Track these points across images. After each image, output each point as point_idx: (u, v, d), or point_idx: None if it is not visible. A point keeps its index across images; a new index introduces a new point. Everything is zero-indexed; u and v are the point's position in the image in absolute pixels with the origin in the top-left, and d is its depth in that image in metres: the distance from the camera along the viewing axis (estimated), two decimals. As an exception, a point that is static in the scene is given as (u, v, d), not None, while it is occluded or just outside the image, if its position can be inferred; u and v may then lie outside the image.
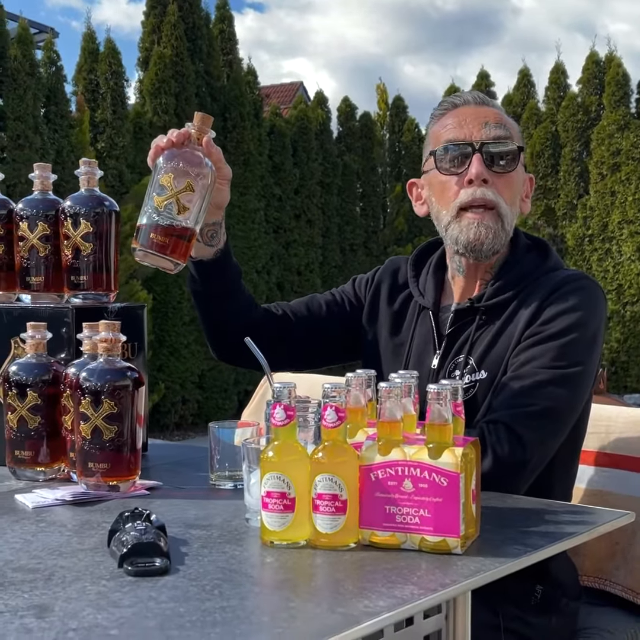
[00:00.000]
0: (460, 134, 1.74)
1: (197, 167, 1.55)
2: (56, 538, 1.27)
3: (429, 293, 1.84)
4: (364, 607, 0.99)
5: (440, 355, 1.75)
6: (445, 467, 1.18)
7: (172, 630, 0.92)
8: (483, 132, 1.73)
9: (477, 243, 1.71)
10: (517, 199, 1.78)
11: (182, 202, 1.52)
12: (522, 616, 1.68)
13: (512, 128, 1.78)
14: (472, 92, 1.81)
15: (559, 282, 1.71)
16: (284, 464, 1.22)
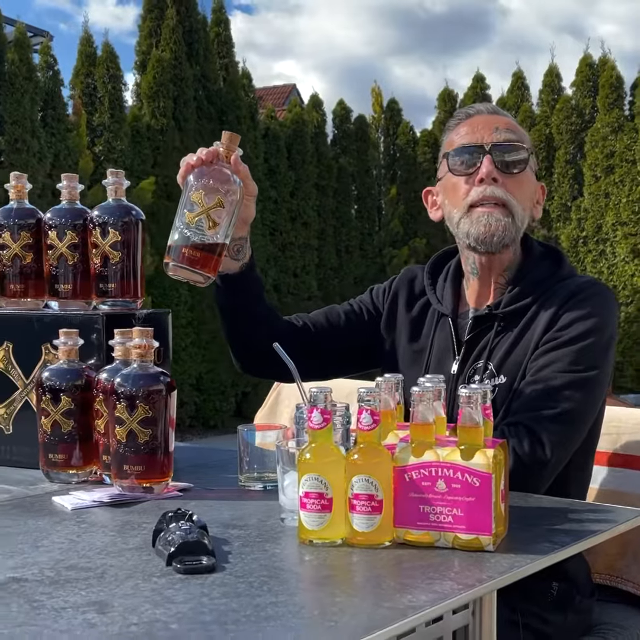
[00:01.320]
0: (472, 138, 1.82)
1: (226, 184, 1.60)
2: (100, 538, 1.32)
3: (447, 300, 1.89)
4: (408, 602, 1.04)
5: (460, 361, 1.81)
6: (477, 468, 1.23)
7: (229, 625, 0.97)
8: (494, 136, 1.80)
9: (488, 235, 1.77)
10: (528, 202, 1.84)
11: (213, 217, 1.57)
12: (539, 613, 1.73)
13: (523, 135, 1.85)
14: (485, 103, 1.91)
15: (574, 290, 1.77)
16: (321, 466, 1.27)
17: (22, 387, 1.82)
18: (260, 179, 9.90)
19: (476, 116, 1.86)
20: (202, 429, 9.28)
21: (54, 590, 1.09)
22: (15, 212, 1.87)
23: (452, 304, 1.88)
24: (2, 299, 1.90)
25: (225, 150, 1.64)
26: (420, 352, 1.89)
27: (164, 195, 8.82)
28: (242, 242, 1.80)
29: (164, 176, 8.89)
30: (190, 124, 9.27)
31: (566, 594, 1.77)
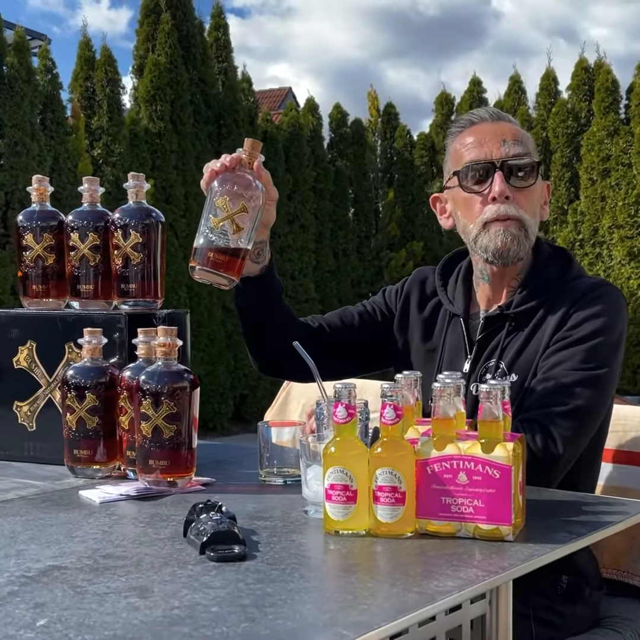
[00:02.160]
0: (480, 153, 1.84)
1: (249, 190, 1.66)
2: (132, 529, 1.37)
3: (458, 301, 1.94)
4: (436, 587, 1.09)
5: (472, 360, 1.86)
6: (498, 461, 1.28)
7: (267, 608, 1.02)
8: (502, 150, 1.82)
9: (504, 249, 1.82)
10: (538, 209, 1.89)
11: (237, 222, 1.63)
12: (549, 605, 1.78)
13: (529, 142, 1.88)
14: (487, 108, 1.91)
15: (584, 290, 1.81)
16: (346, 459, 1.31)
17: (46, 385, 1.86)
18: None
19: (480, 125, 1.87)
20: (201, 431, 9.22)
21: (94, 577, 1.13)
22: (38, 214, 1.92)
23: (464, 305, 1.93)
24: (25, 299, 1.94)
25: (248, 157, 1.70)
26: (432, 352, 1.94)
27: (162, 198, 8.86)
28: (262, 246, 1.85)
29: (162, 179, 8.93)
30: (188, 128, 9.31)
31: (575, 586, 1.82)
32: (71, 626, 0.97)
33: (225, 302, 9.40)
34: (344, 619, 0.99)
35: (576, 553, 1.77)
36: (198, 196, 9.22)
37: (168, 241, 8.94)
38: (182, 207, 9.12)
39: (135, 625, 0.97)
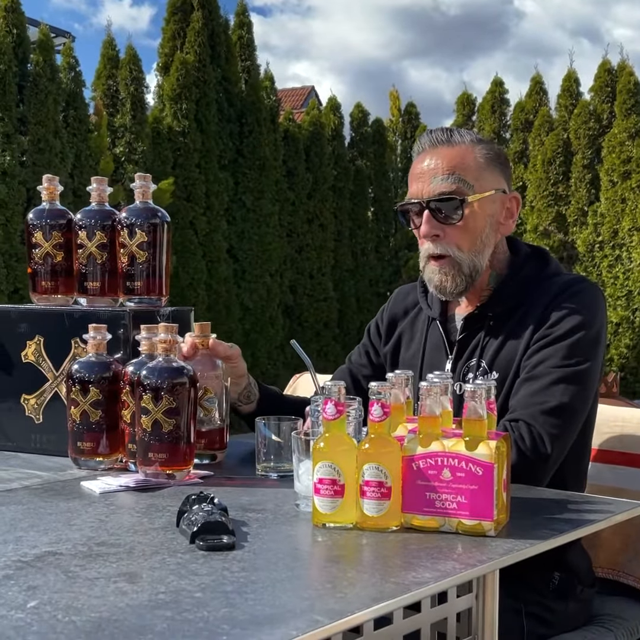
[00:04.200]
0: (415, 189, 1.89)
1: (210, 370, 1.83)
2: (128, 519, 1.42)
3: (435, 305, 2.01)
4: (413, 578, 1.13)
5: (453, 360, 1.91)
6: (480, 458, 1.31)
7: (248, 594, 1.06)
8: (431, 187, 1.86)
9: (441, 287, 1.90)
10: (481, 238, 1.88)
11: (204, 406, 1.81)
12: (541, 601, 1.81)
13: (466, 168, 1.85)
14: (433, 132, 1.91)
15: (561, 286, 1.85)
16: (334, 454, 1.36)
17: (52, 379, 1.92)
18: (279, 181, 10.00)
19: (422, 154, 1.91)
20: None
21: (87, 563, 1.18)
22: (48, 212, 1.97)
23: (440, 308, 2.00)
24: (34, 296, 2.00)
25: (200, 341, 1.83)
26: (413, 356, 2.00)
27: (183, 195, 8.93)
28: (248, 388, 1.99)
29: (184, 177, 9.00)
30: (212, 126, 9.37)
31: (567, 583, 1.85)
32: (60, 608, 1.02)
33: (243, 301, 9.46)
34: (321, 606, 1.03)
35: (568, 550, 1.82)
36: (219, 194, 9.29)
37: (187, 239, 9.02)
38: (203, 204, 9.18)
39: (121, 609, 1.02)
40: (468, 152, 1.87)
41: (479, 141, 1.90)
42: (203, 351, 1.83)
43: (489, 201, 1.88)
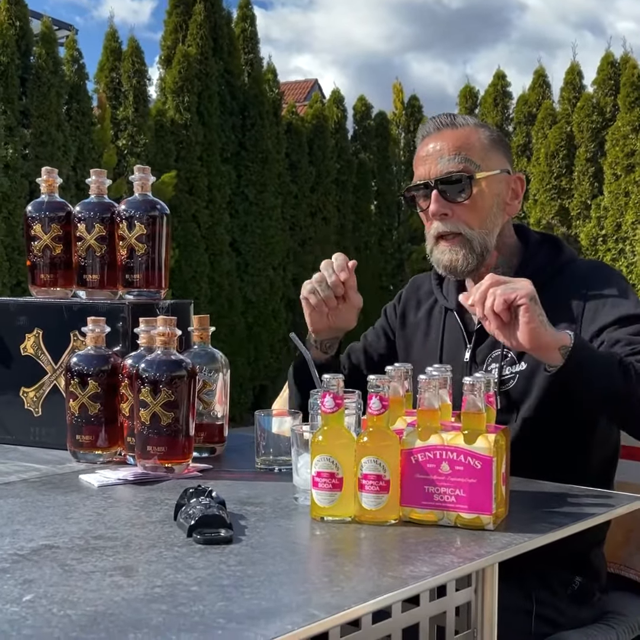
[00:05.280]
0: (422, 172, 1.89)
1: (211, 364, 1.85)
2: (125, 512, 1.41)
3: (451, 296, 1.99)
4: (410, 572, 1.12)
5: (472, 349, 1.89)
6: (479, 452, 1.31)
7: (245, 588, 1.06)
8: (438, 168, 1.86)
9: (451, 267, 1.88)
10: (490, 216, 1.88)
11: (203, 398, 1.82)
12: (556, 604, 1.78)
13: (471, 148, 1.86)
14: (437, 117, 1.92)
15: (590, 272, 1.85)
16: (332, 447, 1.35)
17: (51, 371, 1.92)
18: (282, 174, 9.98)
19: (427, 139, 1.91)
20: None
21: (83, 556, 1.18)
22: (47, 205, 1.97)
23: (456, 298, 1.94)
24: (33, 288, 1.99)
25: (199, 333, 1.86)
26: (433, 346, 1.98)
27: (185, 188, 8.92)
28: (334, 342, 1.97)
29: (187, 170, 8.99)
30: (214, 119, 9.36)
31: (586, 589, 1.83)
32: (55, 602, 1.01)
33: (246, 294, 9.46)
34: (317, 600, 1.03)
35: (591, 554, 1.81)
36: (222, 187, 9.28)
37: (190, 232, 9.01)
38: (206, 198, 9.17)
39: (117, 602, 1.01)
40: (472, 133, 1.89)
41: (481, 125, 1.93)
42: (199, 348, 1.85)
43: (495, 180, 1.88)
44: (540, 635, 1.77)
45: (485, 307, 1.55)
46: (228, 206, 9.47)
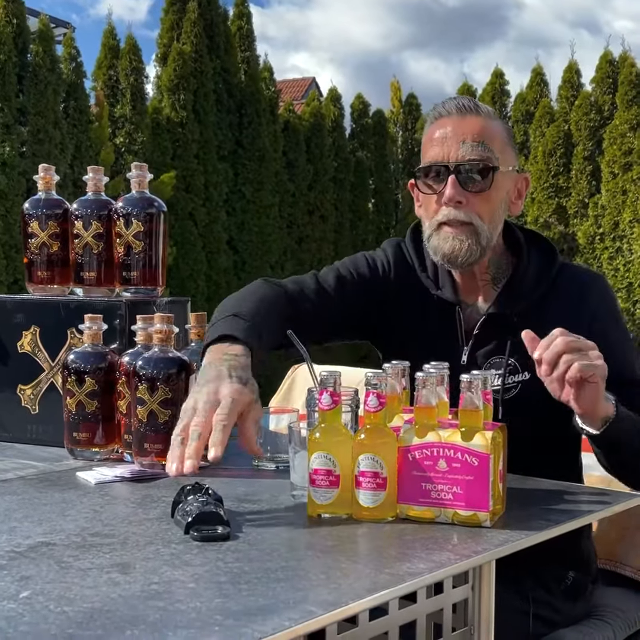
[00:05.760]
0: (439, 153, 1.79)
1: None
2: (122, 509, 1.41)
3: (447, 289, 1.88)
4: (407, 569, 1.12)
5: (469, 352, 1.82)
6: (476, 449, 1.31)
7: (242, 585, 1.06)
8: (459, 152, 1.77)
9: (452, 256, 1.78)
10: (498, 212, 1.83)
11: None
12: (551, 602, 1.78)
13: (493, 140, 1.80)
14: (458, 99, 1.85)
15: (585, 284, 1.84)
16: (330, 445, 1.35)
17: (48, 369, 1.91)
18: (279, 172, 9.98)
19: (446, 119, 1.82)
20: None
21: (80, 554, 1.17)
22: (44, 202, 1.96)
23: (453, 293, 1.88)
24: (30, 286, 1.99)
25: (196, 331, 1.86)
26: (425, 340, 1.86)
27: (182, 187, 8.92)
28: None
29: (183, 168, 8.99)
30: (210, 117, 9.36)
31: (580, 583, 1.83)
32: (52, 598, 1.01)
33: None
34: (314, 597, 1.03)
35: (583, 548, 1.81)
36: (218, 185, 9.28)
37: (187, 230, 9.01)
38: (202, 196, 9.17)
39: (113, 599, 1.01)
40: (495, 124, 1.83)
41: (498, 118, 1.89)
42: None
43: (507, 177, 1.83)
44: (538, 635, 1.77)
45: (557, 372, 1.49)
46: (225, 204, 9.47)
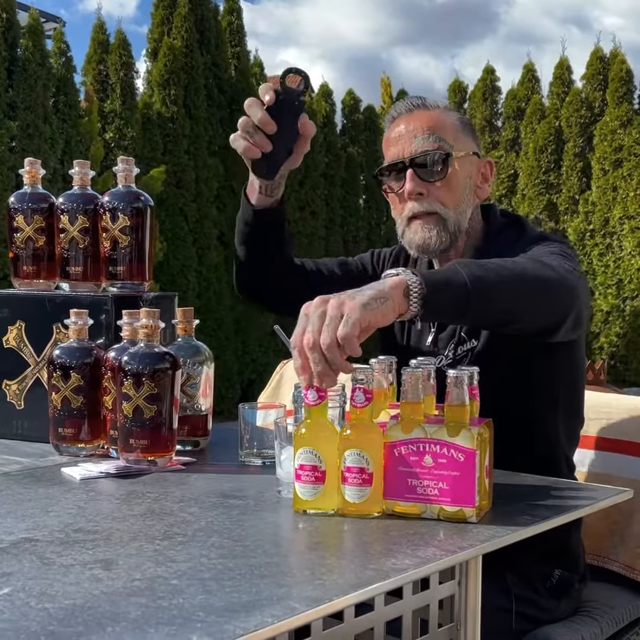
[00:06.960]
0: (395, 152, 1.87)
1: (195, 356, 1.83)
2: (107, 505, 1.40)
3: None
4: (392, 565, 1.11)
5: (435, 333, 1.89)
6: (462, 444, 1.30)
7: (225, 581, 1.05)
8: (412, 147, 1.84)
9: (424, 245, 1.85)
10: (463, 197, 1.87)
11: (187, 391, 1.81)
12: (535, 599, 1.78)
13: (445, 129, 1.86)
14: (407, 99, 1.92)
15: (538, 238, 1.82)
16: (315, 440, 1.34)
17: (34, 364, 1.90)
18: (270, 168, 9.95)
19: (397, 120, 1.90)
20: (208, 414, 9.34)
21: (63, 550, 1.17)
22: (29, 196, 1.95)
23: None
24: (16, 280, 1.98)
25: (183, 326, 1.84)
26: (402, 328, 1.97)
27: (173, 182, 8.89)
28: (280, 182, 1.90)
29: (174, 163, 8.96)
30: (201, 112, 9.33)
31: (566, 581, 1.83)
32: (33, 595, 1.00)
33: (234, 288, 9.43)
34: (298, 594, 1.02)
35: (570, 544, 1.81)
36: (209, 181, 9.25)
37: (178, 225, 8.99)
38: (193, 191, 9.14)
39: (95, 595, 1.00)
40: (443, 115, 1.89)
41: (450, 108, 1.94)
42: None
43: (466, 162, 1.88)
44: (521, 632, 1.77)
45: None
46: (215, 200, 9.44)
